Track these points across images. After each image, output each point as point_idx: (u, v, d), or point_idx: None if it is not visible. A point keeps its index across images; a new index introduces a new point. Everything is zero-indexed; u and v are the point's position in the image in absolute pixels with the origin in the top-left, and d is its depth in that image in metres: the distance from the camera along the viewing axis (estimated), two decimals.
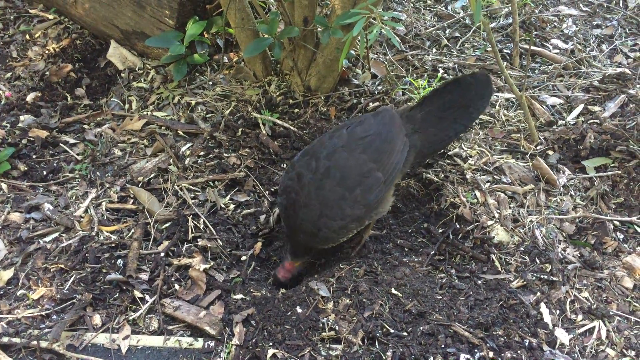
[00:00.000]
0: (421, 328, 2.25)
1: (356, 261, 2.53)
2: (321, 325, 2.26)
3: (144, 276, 2.44)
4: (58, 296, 2.35)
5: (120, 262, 2.49)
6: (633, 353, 2.29)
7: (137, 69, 3.52)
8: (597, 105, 3.31)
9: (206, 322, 2.26)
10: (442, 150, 2.88)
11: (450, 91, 2.62)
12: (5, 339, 2.19)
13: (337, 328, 2.24)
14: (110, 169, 2.93)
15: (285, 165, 2.97)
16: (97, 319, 2.29)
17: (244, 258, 2.59)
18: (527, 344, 2.23)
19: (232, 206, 2.77)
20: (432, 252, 2.60)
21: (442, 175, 2.91)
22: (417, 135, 2.54)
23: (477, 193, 2.83)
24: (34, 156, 3.01)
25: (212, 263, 2.50)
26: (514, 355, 2.18)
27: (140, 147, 3.05)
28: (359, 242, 2.64)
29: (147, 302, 2.35)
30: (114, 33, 3.60)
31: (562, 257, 2.59)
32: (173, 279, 2.44)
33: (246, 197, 2.82)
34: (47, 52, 3.67)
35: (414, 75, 3.51)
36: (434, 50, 3.78)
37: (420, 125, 2.56)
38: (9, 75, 3.54)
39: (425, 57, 3.67)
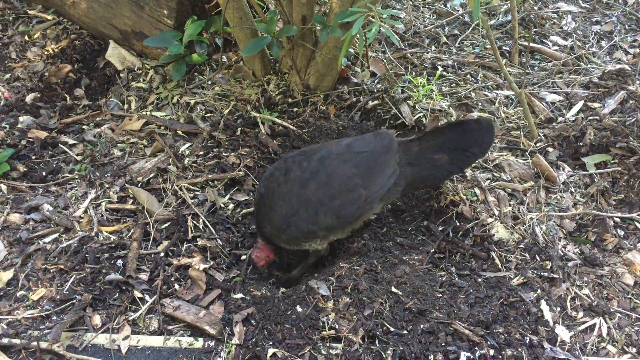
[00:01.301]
0: (421, 326, 2.25)
1: (356, 260, 2.53)
2: (321, 324, 2.26)
3: (144, 276, 2.44)
4: (58, 297, 2.35)
5: (119, 262, 2.49)
6: (634, 350, 2.29)
7: (136, 69, 3.52)
8: (597, 101, 3.30)
9: (206, 322, 2.26)
10: (432, 187, 2.84)
11: (452, 132, 2.60)
12: (5, 340, 2.19)
13: (337, 327, 2.24)
14: (109, 169, 2.93)
15: None
16: (97, 320, 2.28)
17: (243, 257, 2.59)
18: (527, 342, 2.23)
19: (231, 205, 2.77)
20: (432, 250, 2.59)
21: None
22: (410, 168, 2.53)
23: (477, 190, 2.83)
24: (33, 157, 3.01)
25: (211, 262, 2.50)
26: (515, 352, 2.18)
27: (139, 147, 3.05)
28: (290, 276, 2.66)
29: (147, 302, 2.35)
30: (112, 33, 3.60)
31: (562, 254, 2.59)
32: (173, 279, 2.43)
33: (245, 197, 2.82)
34: (46, 52, 3.67)
35: (413, 73, 3.51)
36: (433, 48, 3.77)
37: (415, 159, 2.54)
38: (8, 76, 3.54)
39: (425, 55, 3.66)
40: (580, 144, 3.02)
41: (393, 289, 2.38)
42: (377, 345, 2.20)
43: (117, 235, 2.62)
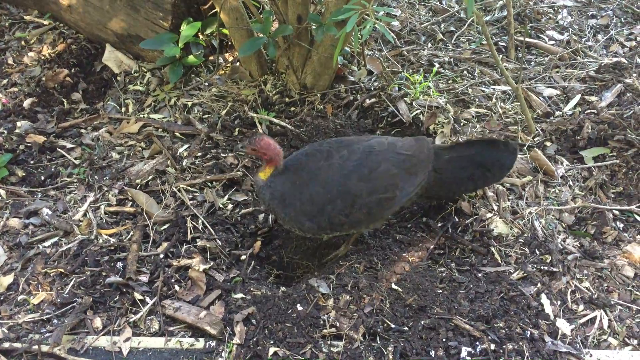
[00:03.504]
0: (422, 322, 2.25)
1: (356, 257, 2.53)
2: (322, 322, 2.26)
3: (144, 278, 2.44)
4: (58, 300, 2.36)
5: (119, 264, 2.49)
6: (635, 342, 2.28)
7: (132, 72, 3.52)
8: (594, 95, 3.30)
9: (207, 322, 2.26)
10: (441, 201, 2.81)
11: (481, 147, 2.64)
12: (6, 344, 2.19)
13: (338, 324, 2.24)
14: (108, 172, 2.93)
15: None
16: (97, 322, 2.29)
17: (243, 257, 2.59)
18: (528, 335, 2.22)
19: (230, 206, 2.77)
20: (432, 246, 2.60)
21: None
22: (434, 174, 2.55)
23: None
24: (32, 162, 3.01)
25: (211, 263, 2.50)
26: (516, 346, 2.18)
27: (137, 150, 3.05)
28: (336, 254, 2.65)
29: (148, 303, 2.35)
30: (108, 37, 3.60)
31: (562, 247, 2.59)
32: (173, 280, 2.43)
33: (244, 197, 2.82)
34: (42, 57, 3.67)
35: (410, 70, 3.51)
36: (430, 45, 3.77)
37: (442, 166, 2.56)
38: (5, 81, 3.55)
39: (421, 52, 3.66)
40: (578, 137, 3.02)
41: (393, 286, 2.38)
42: (378, 342, 2.20)
43: (117, 237, 2.62)
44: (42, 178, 2.92)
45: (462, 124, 3.12)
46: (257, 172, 2.46)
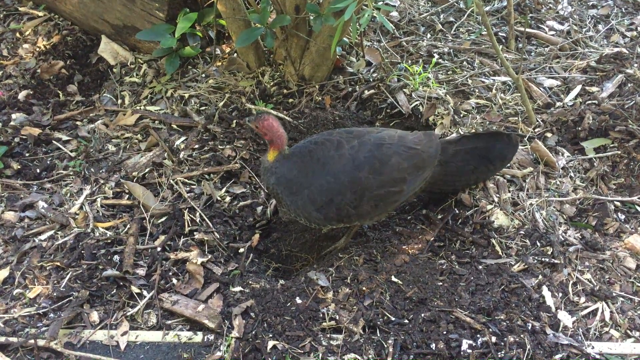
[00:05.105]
0: (422, 315, 2.23)
1: (355, 250, 2.51)
2: (321, 315, 2.24)
3: (141, 271, 2.41)
4: (55, 294, 2.33)
5: (116, 258, 2.47)
6: (637, 334, 2.27)
7: (129, 64, 3.48)
8: (595, 85, 3.27)
9: (205, 316, 2.24)
10: (441, 194, 2.79)
11: (487, 141, 2.62)
12: (2, 339, 2.17)
13: (337, 317, 2.22)
14: (104, 164, 2.90)
15: None
16: (94, 316, 2.26)
17: (241, 250, 2.56)
18: (529, 328, 2.21)
19: (228, 198, 2.75)
20: (432, 239, 2.57)
21: None
22: (440, 168, 2.54)
23: None
24: (27, 154, 2.98)
25: (209, 256, 2.47)
26: (517, 339, 2.16)
27: (134, 142, 3.02)
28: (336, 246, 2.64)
29: (145, 297, 2.33)
30: (104, 28, 3.56)
31: (563, 239, 2.56)
32: (170, 274, 2.41)
33: (242, 189, 2.79)
34: (37, 49, 3.63)
35: (409, 61, 3.47)
36: (429, 35, 3.73)
37: (448, 159, 2.55)
38: (0, 73, 3.51)
39: (420, 42, 3.63)
40: (579, 128, 3.00)
41: (393, 279, 2.36)
42: (378, 335, 2.18)
43: (113, 230, 2.59)
44: (38, 171, 2.88)
45: (461, 115, 3.09)
46: (265, 153, 2.45)
